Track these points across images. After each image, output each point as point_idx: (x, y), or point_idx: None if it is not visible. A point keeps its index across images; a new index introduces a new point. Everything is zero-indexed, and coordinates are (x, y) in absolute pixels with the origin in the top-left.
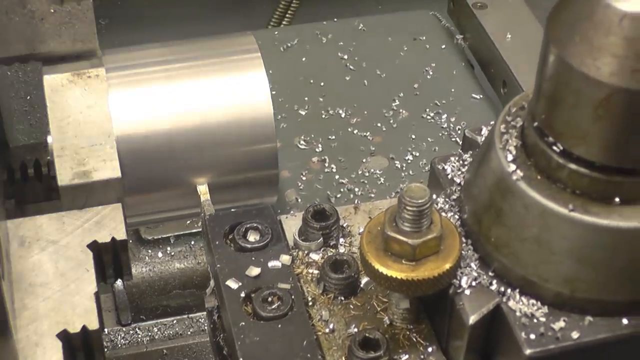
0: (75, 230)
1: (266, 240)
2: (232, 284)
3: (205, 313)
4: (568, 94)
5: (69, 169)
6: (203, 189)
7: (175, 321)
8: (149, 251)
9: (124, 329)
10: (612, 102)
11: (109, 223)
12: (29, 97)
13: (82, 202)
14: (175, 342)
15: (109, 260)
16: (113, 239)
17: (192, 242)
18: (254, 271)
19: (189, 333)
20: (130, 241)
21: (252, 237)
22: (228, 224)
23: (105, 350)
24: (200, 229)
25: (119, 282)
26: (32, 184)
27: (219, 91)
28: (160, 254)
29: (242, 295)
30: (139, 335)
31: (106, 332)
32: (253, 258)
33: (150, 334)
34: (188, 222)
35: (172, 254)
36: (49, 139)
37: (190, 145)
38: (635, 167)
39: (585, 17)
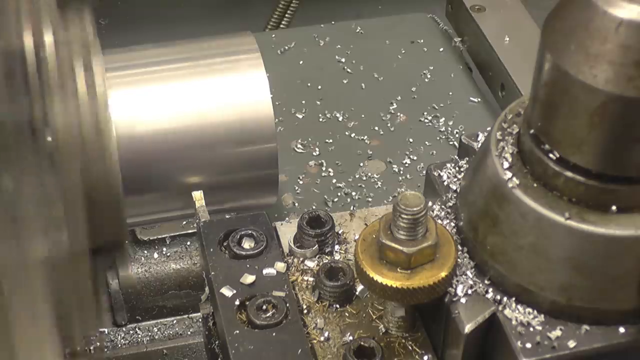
0: None
1: (261, 248)
2: (227, 291)
3: None
4: (564, 101)
5: None
6: (198, 195)
7: (175, 321)
8: (145, 252)
9: (124, 329)
10: (608, 109)
11: None
12: None
13: None
14: (175, 342)
15: None
16: None
17: (188, 243)
18: (249, 279)
19: (189, 333)
20: (127, 242)
21: (247, 244)
22: (222, 230)
23: (105, 350)
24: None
25: (114, 283)
26: None
27: (219, 91)
28: (156, 255)
29: (237, 303)
30: (139, 335)
31: (106, 332)
32: (248, 265)
33: (150, 334)
34: (184, 222)
35: (168, 254)
36: None
37: (190, 145)
38: (632, 175)
39: (581, 25)
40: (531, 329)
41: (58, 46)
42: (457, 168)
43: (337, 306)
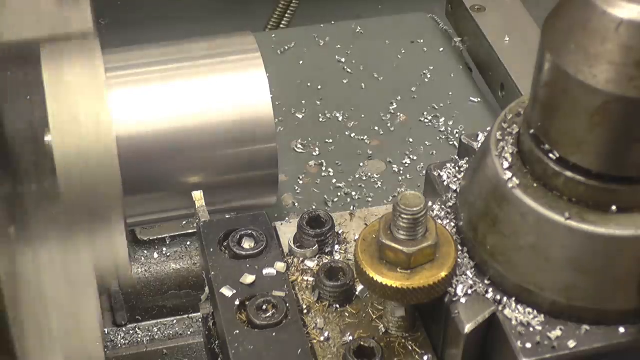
0: None
1: (261, 248)
2: (227, 291)
3: None
4: (564, 101)
5: None
6: (198, 195)
7: (175, 321)
8: (145, 252)
9: (124, 329)
10: (609, 110)
11: None
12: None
13: None
14: (175, 342)
15: None
16: None
17: (188, 243)
18: (249, 279)
19: (189, 333)
20: (127, 242)
21: (247, 244)
22: (222, 230)
23: (105, 350)
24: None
25: (114, 283)
26: None
27: (219, 91)
28: (156, 255)
29: (237, 303)
30: (139, 335)
31: (106, 332)
32: (248, 265)
33: (150, 334)
34: (184, 222)
35: (168, 254)
36: None
37: (190, 145)
38: (632, 175)
39: (581, 25)
40: (531, 329)
41: (58, 44)
42: (457, 168)
43: (337, 306)
